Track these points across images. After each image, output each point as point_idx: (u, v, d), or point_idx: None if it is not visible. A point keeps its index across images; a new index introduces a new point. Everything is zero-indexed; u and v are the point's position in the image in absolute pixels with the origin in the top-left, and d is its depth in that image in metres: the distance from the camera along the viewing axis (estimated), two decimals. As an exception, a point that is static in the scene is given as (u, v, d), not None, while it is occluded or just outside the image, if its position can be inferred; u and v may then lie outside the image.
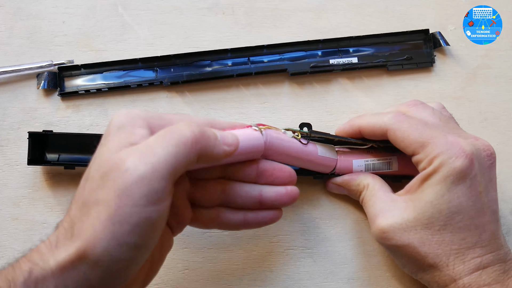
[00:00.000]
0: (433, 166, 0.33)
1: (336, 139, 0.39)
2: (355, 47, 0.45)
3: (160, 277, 0.39)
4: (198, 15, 0.45)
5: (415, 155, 0.35)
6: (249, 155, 0.34)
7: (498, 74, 0.46)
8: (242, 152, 0.33)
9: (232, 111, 0.43)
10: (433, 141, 0.34)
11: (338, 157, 0.39)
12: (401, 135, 0.35)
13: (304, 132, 0.37)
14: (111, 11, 0.45)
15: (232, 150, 0.31)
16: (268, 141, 0.35)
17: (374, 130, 0.37)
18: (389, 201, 0.36)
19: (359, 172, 0.39)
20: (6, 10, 0.44)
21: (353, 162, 0.39)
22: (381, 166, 0.39)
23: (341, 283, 0.40)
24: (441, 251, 0.33)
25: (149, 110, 0.32)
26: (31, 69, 0.42)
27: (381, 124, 0.36)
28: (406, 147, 0.35)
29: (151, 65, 0.43)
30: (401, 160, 0.39)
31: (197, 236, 0.40)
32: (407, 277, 0.40)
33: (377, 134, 0.37)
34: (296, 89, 0.44)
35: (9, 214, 0.40)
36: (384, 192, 0.37)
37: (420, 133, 0.34)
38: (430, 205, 0.33)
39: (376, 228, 0.35)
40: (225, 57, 0.43)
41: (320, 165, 0.38)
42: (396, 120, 0.36)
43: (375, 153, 0.39)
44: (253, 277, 0.39)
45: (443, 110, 0.39)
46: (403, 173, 0.39)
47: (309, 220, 0.41)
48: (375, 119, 0.37)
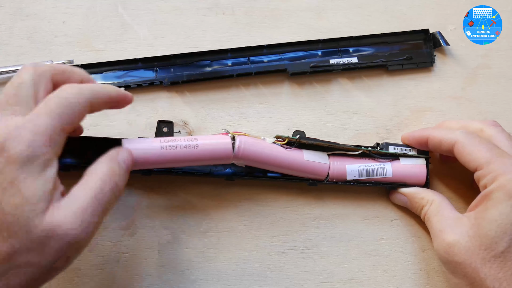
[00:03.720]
0: (496, 183, 0.33)
1: (327, 144, 0.39)
2: (355, 47, 0.45)
3: (160, 277, 0.39)
4: (198, 15, 0.45)
5: (478, 170, 0.35)
6: (216, 160, 0.36)
7: (498, 74, 0.46)
8: (206, 157, 0.34)
9: (232, 111, 0.43)
10: (500, 159, 0.34)
11: (331, 162, 0.39)
12: (469, 149, 0.36)
13: (292, 138, 0.37)
14: (111, 11, 0.45)
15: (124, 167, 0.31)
16: (242, 148, 0.35)
17: (442, 143, 0.37)
18: (455, 218, 0.36)
19: (424, 188, 0.40)
20: (6, 10, 0.44)
21: (346, 167, 0.39)
22: (375, 172, 0.39)
23: (341, 283, 0.40)
24: (502, 275, 0.32)
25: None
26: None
27: (451, 137, 0.37)
28: (471, 161, 0.35)
29: (151, 65, 0.43)
30: (395, 167, 0.39)
31: (197, 236, 0.40)
32: (407, 277, 0.40)
33: (443, 147, 0.38)
34: (296, 89, 0.44)
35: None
36: (450, 209, 0.37)
37: (488, 150, 0.35)
38: (494, 224, 0.33)
39: (441, 242, 0.35)
40: (225, 57, 0.43)
41: (309, 171, 0.38)
42: (467, 136, 0.36)
43: (368, 160, 0.40)
44: (253, 277, 0.39)
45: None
46: (397, 180, 0.40)
47: (309, 220, 0.41)
48: (446, 132, 0.38)
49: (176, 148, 0.34)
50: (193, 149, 0.34)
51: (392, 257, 0.40)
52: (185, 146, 0.34)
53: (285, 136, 0.38)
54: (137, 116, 0.42)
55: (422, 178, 0.40)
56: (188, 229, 0.40)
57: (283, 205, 0.41)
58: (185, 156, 0.34)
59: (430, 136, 0.39)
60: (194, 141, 0.35)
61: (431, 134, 0.39)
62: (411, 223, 0.41)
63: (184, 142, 0.34)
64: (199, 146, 0.35)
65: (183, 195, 0.40)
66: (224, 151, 0.35)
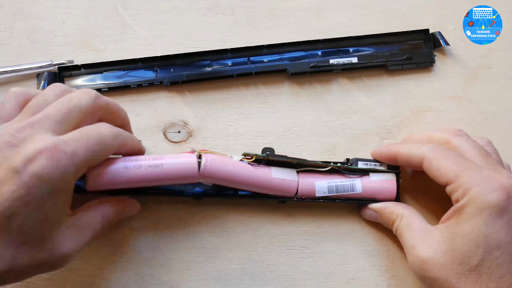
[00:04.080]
0: (467, 197, 0.33)
1: (295, 161, 0.38)
2: (355, 47, 0.45)
3: (160, 277, 0.39)
4: (198, 15, 0.45)
5: (448, 184, 0.35)
6: (182, 179, 0.35)
7: (498, 74, 0.46)
8: (171, 177, 0.34)
9: (232, 111, 0.43)
10: (468, 172, 0.34)
11: (300, 179, 0.39)
12: (436, 164, 0.35)
13: (260, 156, 0.37)
14: (111, 11, 0.45)
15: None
16: (209, 166, 0.35)
17: (410, 159, 0.37)
18: (426, 231, 0.35)
19: (394, 202, 0.39)
20: (6, 10, 0.44)
21: (315, 184, 0.39)
22: (344, 188, 0.39)
23: (341, 283, 0.40)
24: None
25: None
26: (31, 69, 0.42)
27: (419, 153, 0.36)
28: (440, 176, 0.35)
29: (151, 65, 0.43)
30: (364, 183, 0.39)
31: (197, 236, 0.40)
32: (407, 278, 0.40)
33: (412, 163, 0.37)
34: (296, 89, 0.44)
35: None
36: (420, 221, 0.37)
37: (455, 163, 0.34)
38: (467, 239, 0.33)
39: (415, 258, 0.35)
40: (225, 57, 0.43)
41: (277, 188, 0.38)
42: (433, 150, 0.36)
43: (338, 176, 0.39)
44: (253, 277, 0.39)
45: (488, 145, 0.38)
46: (367, 196, 0.39)
47: (309, 220, 0.41)
48: (413, 148, 0.37)
49: (140, 168, 0.34)
50: (158, 169, 0.34)
51: (392, 257, 0.40)
52: (149, 165, 0.34)
53: (253, 153, 0.37)
54: (137, 116, 0.42)
55: (392, 193, 0.39)
56: (188, 229, 0.40)
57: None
58: (150, 176, 0.34)
59: (398, 152, 0.38)
60: (159, 160, 0.34)
61: (398, 150, 0.38)
62: (411, 223, 0.41)
63: (149, 161, 0.34)
64: (163, 166, 0.34)
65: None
66: (189, 170, 0.35)
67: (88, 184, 0.33)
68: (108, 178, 0.33)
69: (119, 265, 0.39)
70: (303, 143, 0.43)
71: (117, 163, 0.34)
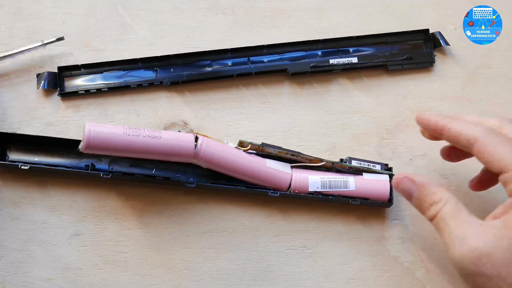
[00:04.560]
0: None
1: (290, 153, 0.39)
2: (355, 47, 0.45)
3: (160, 277, 0.39)
4: (198, 15, 0.45)
5: (503, 173, 0.31)
6: (177, 156, 0.36)
7: (498, 74, 0.46)
8: (167, 150, 0.35)
9: (232, 111, 0.43)
10: None
11: (293, 173, 0.39)
12: (490, 148, 0.32)
13: (256, 144, 0.37)
14: (111, 11, 0.45)
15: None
16: (204, 148, 0.36)
17: (459, 137, 0.34)
18: (477, 224, 0.31)
19: (438, 183, 0.35)
20: (6, 10, 0.44)
21: (309, 178, 0.39)
22: (337, 184, 0.39)
23: (341, 283, 0.40)
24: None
25: None
26: (22, 52, 0.42)
27: (471, 133, 0.33)
28: (493, 162, 0.31)
29: (151, 65, 0.43)
30: (358, 181, 0.39)
31: (197, 236, 0.40)
32: (407, 278, 0.40)
33: (460, 141, 0.34)
34: (296, 89, 0.44)
35: (9, 214, 0.40)
36: (469, 213, 0.32)
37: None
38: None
39: (467, 251, 0.30)
40: (225, 57, 0.43)
41: (271, 178, 0.38)
42: (489, 133, 0.32)
43: (331, 172, 0.40)
44: (253, 277, 0.39)
45: None
46: (360, 194, 0.39)
47: (309, 220, 0.41)
48: (465, 127, 0.34)
49: (138, 136, 0.35)
50: (155, 140, 0.35)
51: (392, 257, 0.40)
52: (147, 135, 0.35)
53: (248, 141, 0.38)
54: (137, 116, 0.42)
55: (385, 194, 0.39)
56: (188, 229, 0.40)
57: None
58: (146, 145, 0.35)
59: (447, 126, 0.34)
60: (157, 133, 0.35)
61: (447, 124, 0.34)
62: (411, 223, 0.41)
63: (148, 132, 0.35)
64: (161, 138, 0.35)
65: (183, 195, 0.40)
66: (185, 148, 0.36)
67: (84, 143, 0.33)
68: (106, 141, 0.33)
69: (119, 265, 0.39)
70: (303, 143, 0.43)
71: (117, 128, 0.34)
